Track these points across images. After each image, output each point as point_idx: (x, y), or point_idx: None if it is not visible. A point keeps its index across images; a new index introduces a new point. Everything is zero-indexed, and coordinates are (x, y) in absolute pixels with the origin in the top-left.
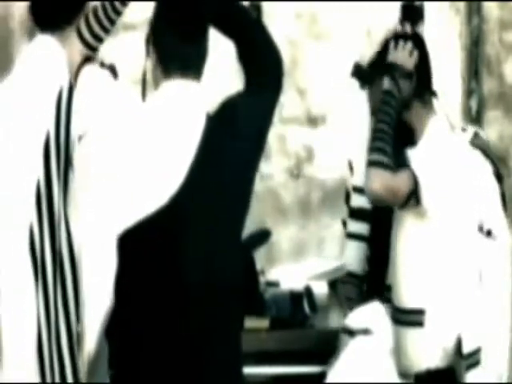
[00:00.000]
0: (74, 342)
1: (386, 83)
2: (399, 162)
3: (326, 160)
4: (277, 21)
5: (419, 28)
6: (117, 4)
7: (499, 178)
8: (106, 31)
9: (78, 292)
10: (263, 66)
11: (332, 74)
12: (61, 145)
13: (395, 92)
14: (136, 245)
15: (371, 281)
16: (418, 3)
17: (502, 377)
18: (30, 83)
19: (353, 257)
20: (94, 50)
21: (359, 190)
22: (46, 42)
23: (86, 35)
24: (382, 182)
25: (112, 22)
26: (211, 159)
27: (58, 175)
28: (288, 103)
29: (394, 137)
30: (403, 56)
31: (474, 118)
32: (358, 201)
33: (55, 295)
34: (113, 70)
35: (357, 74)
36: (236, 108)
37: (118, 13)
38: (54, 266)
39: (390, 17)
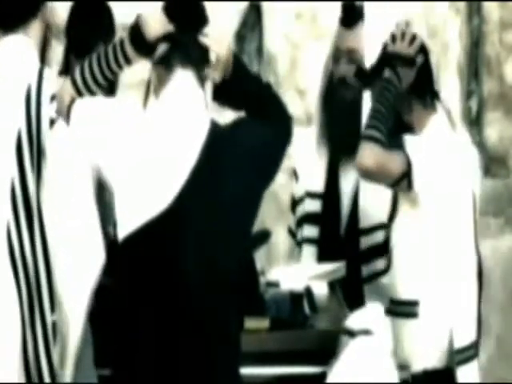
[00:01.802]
0: (49, 337)
1: (386, 72)
2: (395, 146)
3: None
4: (277, 21)
5: (359, 28)
6: (113, 66)
7: None
8: (99, 86)
9: (52, 284)
10: (273, 128)
11: None
12: (33, 140)
13: (394, 80)
14: (136, 247)
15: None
16: (358, 3)
17: None
18: None
19: (311, 262)
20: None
21: (311, 195)
22: (10, 40)
23: (80, 86)
24: (375, 157)
25: (106, 80)
26: (213, 163)
27: (32, 171)
28: (288, 103)
29: (391, 127)
30: (403, 44)
31: (474, 118)
32: (313, 205)
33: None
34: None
35: (359, 76)
36: (242, 120)
37: (114, 73)
38: (34, 262)
39: (389, 17)
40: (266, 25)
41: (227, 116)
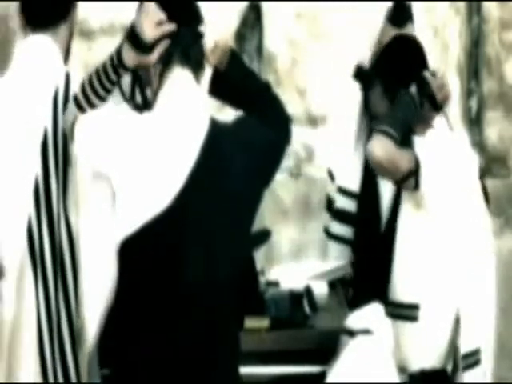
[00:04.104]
0: (77, 339)
1: (414, 90)
2: (405, 146)
3: (326, 160)
4: (277, 21)
5: (408, 28)
6: (111, 73)
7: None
8: (101, 99)
9: (78, 288)
10: (272, 128)
11: (332, 74)
12: (58, 142)
13: (417, 101)
14: (136, 246)
15: (358, 286)
16: (406, 3)
17: (486, 373)
18: (26, 82)
19: (337, 259)
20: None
21: (343, 192)
22: (39, 41)
23: (85, 106)
24: (385, 149)
25: (107, 92)
26: (212, 162)
27: (56, 172)
28: (288, 103)
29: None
30: (435, 85)
31: (474, 118)
32: (345, 203)
33: (56, 291)
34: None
35: (358, 76)
36: (242, 119)
37: (113, 83)
38: (53, 262)
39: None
40: (265, 25)
41: (227, 114)
